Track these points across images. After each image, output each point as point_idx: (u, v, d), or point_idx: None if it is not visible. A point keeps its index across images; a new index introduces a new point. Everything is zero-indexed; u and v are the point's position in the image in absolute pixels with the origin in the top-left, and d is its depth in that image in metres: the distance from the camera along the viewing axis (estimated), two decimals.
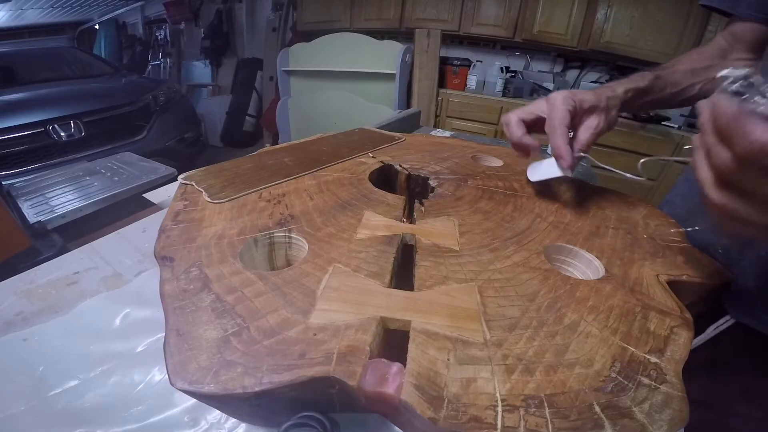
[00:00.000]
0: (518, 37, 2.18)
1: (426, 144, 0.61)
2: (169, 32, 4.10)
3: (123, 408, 0.27)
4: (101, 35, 4.66)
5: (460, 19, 2.27)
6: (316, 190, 0.41)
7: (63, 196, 0.77)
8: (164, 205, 0.60)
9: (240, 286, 0.26)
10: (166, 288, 0.26)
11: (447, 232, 0.34)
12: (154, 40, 4.30)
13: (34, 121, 1.70)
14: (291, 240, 0.33)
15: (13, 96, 1.82)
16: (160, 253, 0.30)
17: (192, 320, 0.23)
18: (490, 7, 2.18)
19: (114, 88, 2.21)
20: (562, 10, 2.02)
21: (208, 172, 0.45)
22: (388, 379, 0.20)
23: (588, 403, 0.19)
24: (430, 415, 0.18)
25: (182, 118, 2.40)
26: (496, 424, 0.18)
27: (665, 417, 0.19)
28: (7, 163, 1.62)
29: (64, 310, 0.34)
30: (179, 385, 0.20)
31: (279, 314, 0.24)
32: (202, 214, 0.36)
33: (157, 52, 4.26)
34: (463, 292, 0.26)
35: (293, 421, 0.20)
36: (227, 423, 0.26)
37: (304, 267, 0.29)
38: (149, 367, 0.29)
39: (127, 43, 4.67)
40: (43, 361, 0.29)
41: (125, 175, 0.84)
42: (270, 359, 0.21)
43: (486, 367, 0.21)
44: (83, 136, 1.83)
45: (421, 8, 2.35)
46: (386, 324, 0.24)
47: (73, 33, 4.68)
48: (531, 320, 0.24)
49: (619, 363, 0.21)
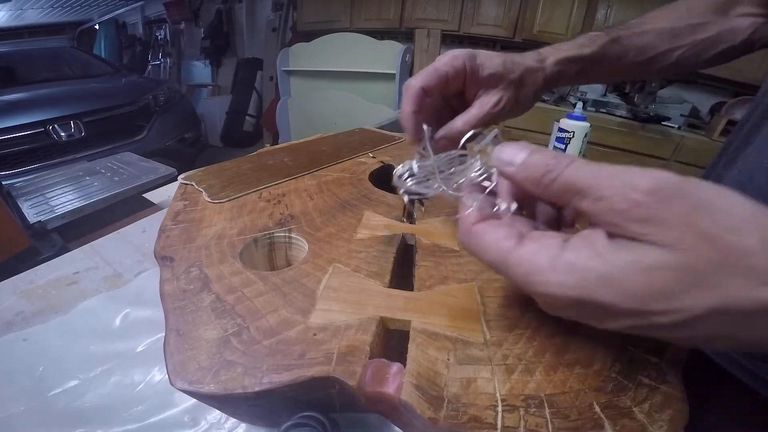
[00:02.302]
0: (518, 37, 2.18)
1: None
2: (169, 32, 4.10)
3: (123, 408, 0.27)
4: (101, 35, 4.67)
5: (460, 19, 2.27)
6: (316, 190, 0.41)
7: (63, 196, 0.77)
8: (164, 205, 0.60)
9: (240, 286, 0.26)
10: (166, 288, 0.26)
11: (447, 232, 0.34)
12: (154, 40, 4.30)
13: (34, 121, 1.71)
14: (291, 240, 0.33)
15: (13, 96, 1.82)
16: (160, 253, 0.30)
17: (192, 320, 0.23)
18: (490, 7, 2.18)
19: (114, 88, 2.21)
20: (562, 10, 2.02)
21: (208, 172, 0.45)
22: (388, 379, 0.20)
23: (588, 403, 0.19)
24: (430, 415, 0.18)
25: (182, 118, 2.40)
26: (496, 424, 0.18)
27: (665, 417, 0.19)
28: (7, 163, 1.63)
29: (64, 310, 0.34)
30: (179, 385, 0.20)
31: (279, 314, 0.24)
32: (202, 214, 0.36)
33: (157, 52, 4.27)
34: (463, 292, 0.26)
35: (293, 421, 0.20)
36: (227, 423, 0.26)
37: (304, 267, 0.29)
38: (149, 367, 0.29)
39: (127, 43, 4.68)
40: (43, 361, 0.29)
41: (125, 175, 0.84)
42: (270, 359, 0.21)
43: (486, 367, 0.21)
44: (83, 136, 1.83)
45: (421, 8, 2.35)
46: (386, 324, 0.24)
47: (73, 33, 4.69)
48: (531, 320, 0.24)
49: (619, 363, 0.21)
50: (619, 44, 0.35)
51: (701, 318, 0.14)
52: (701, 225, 0.13)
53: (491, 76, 0.30)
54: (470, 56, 0.29)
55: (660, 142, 1.85)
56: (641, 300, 0.14)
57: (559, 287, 0.15)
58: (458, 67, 0.29)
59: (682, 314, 0.14)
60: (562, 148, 0.89)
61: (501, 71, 0.30)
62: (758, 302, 0.13)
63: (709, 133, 1.80)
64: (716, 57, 0.37)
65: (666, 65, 0.37)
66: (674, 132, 1.87)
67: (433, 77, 0.29)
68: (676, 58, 0.36)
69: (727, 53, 0.37)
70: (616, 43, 0.35)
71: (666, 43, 0.36)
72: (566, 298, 0.15)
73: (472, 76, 0.30)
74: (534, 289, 0.16)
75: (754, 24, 0.36)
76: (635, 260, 0.14)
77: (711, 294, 0.13)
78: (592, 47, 0.34)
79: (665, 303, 0.14)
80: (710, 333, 0.14)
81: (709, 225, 0.13)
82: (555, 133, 0.91)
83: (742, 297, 0.13)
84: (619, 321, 0.15)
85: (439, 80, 0.29)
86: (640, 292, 0.14)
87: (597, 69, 0.35)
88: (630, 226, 0.14)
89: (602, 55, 0.34)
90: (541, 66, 0.32)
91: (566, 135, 0.87)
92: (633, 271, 0.14)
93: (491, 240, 0.18)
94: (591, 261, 0.15)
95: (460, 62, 0.29)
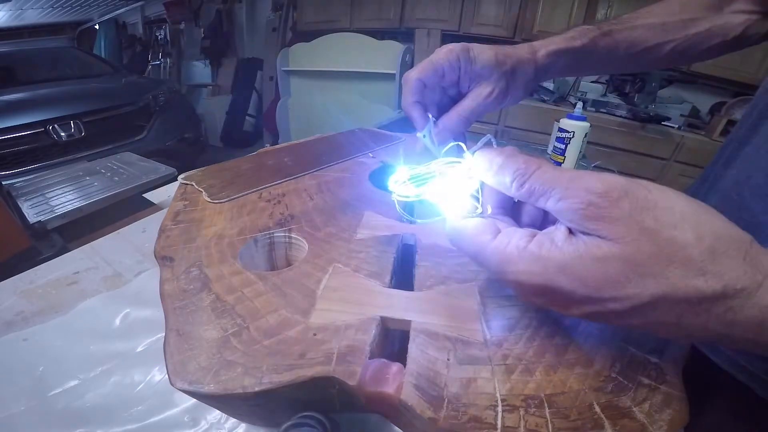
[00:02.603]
0: (518, 37, 2.18)
1: None
2: (169, 32, 4.09)
3: (123, 408, 0.27)
4: (101, 35, 4.66)
5: (460, 19, 2.28)
6: (316, 190, 0.41)
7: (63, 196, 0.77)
8: (164, 205, 0.60)
9: (240, 286, 0.26)
10: (166, 288, 0.26)
11: None
12: (154, 40, 4.30)
13: (34, 121, 1.70)
14: (291, 240, 0.33)
15: (13, 96, 1.82)
16: (160, 253, 0.30)
17: (192, 320, 0.23)
18: (490, 7, 2.18)
19: (114, 88, 2.21)
20: (562, 10, 2.02)
21: (208, 172, 0.45)
22: (388, 379, 0.20)
23: (588, 403, 0.19)
24: (430, 415, 0.18)
25: (182, 118, 2.40)
26: (496, 424, 0.18)
27: (665, 417, 0.19)
28: (7, 163, 1.63)
29: (64, 310, 0.34)
30: (179, 385, 0.20)
31: (279, 314, 0.24)
32: (202, 214, 0.36)
33: (157, 52, 4.26)
34: (463, 292, 0.26)
35: (293, 421, 0.20)
36: (227, 423, 0.26)
37: (304, 267, 0.29)
38: (149, 367, 0.30)
39: (127, 43, 4.67)
40: (43, 361, 0.29)
41: (125, 175, 0.84)
42: (270, 359, 0.21)
43: (486, 367, 0.21)
44: (83, 136, 1.83)
45: (421, 8, 2.35)
46: (386, 324, 0.24)
47: (73, 33, 4.69)
48: (531, 320, 0.24)
49: (619, 363, 0.21)
50: (610, 37, 0.36)
51: (649, 305, 0.15)
52: (644, 222, 0.15)
53: (484, 68, 0.31)
54: (464, 49, 0.31)
55: (660, 142, 1.85)
56: (594, 287, 0.16)
57: (525, 275, 0.18)
58: (453, 60, 0.31)
59: (630, 301, 0.15)
60: (562, 148, 0.89)
61: (493, 63, 0.31)
62: (696, 290, 0.14)
63: (709, 133, 1.80)
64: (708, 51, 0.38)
65: (657, 58, 0.37)
66: (674, 132, 1.87)
67: (429, 70, 0.31)
68: (667, 52, 0.37)
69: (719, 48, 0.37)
70: (608, 36, 0.35)
71: (657, 37, 0.36)
72: (532, 285, 0.18)
73: (466, 69, 0.31)
74: (506, 278, 0.19)
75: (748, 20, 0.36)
76: (587, 252, 0.16)
77: (654, 283, 0.15)
78: (583, 40, 0.35)
79: (614, 290, 0.16)
80: (659, 320, 0.16)
81: (651, 222, 0.15)
82: (555, 133, 0.91)
83: (681, 285, 0.15)
84: (581, 308, 0.17)
85: (435, 72, 0.31)
86: (592, 279, 0.16)
87: (588, 61, 0.36)
88: (584, 222, 0.16)
89: (593, 48, 0.35)
90: (533, 57, 0.33)
91: (566, 135, 0.87)
92: (586, 261, 0.16)
93: (471, 235, 0.20)
94: (551, 252, 0.17)
95: (455, 55, 0.31)
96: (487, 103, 0.32)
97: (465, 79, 0.32)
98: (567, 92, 2.21)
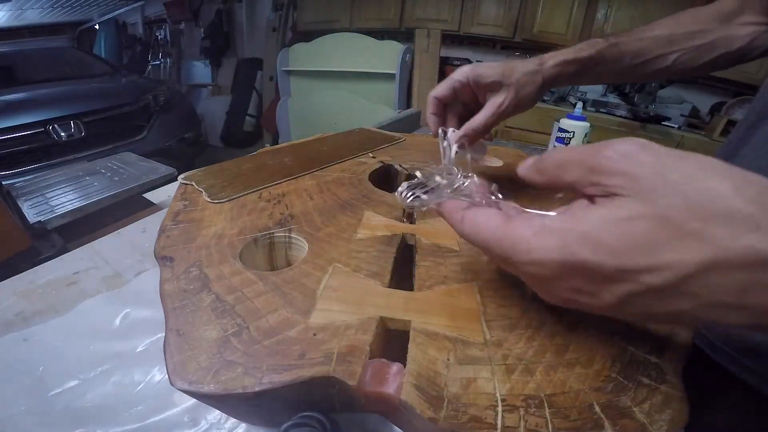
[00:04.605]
0: (518, 36, 2.18)
1: (426, 144, 0.61)
2: (169, 32, 4.10)
3: (123, 408, 0.27)
4: (101, 35, 4.66)
5: (460, 18, 2.28)
6: (316, 190, 0.41)
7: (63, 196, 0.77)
8: (164, 205, 0.60)
9: (240, 286, 0.26)
10: (166, 288, 0.26)
11: (447, 232, 0.34)
12: (154, 40, 4.30)
13: (34, 121, 1.70)
14: (291, 240, 0.33)
15: (13, 96, 1.82)
16: (160, 253, 0.30)
17: (192, 320, 0.23)
18: (490, 6, 2.18)
19: (114, 88, 2.21)
20: (562, 10, 2.02)
21: (208, 172, 0.45)
22: (388, 379, 0.20)
23: (588, 403, 0.19)
24: (430, 415, 0.18)
25: (182, 118, 2.40)
26: (496, 424, 0.18)
27: (665, 417, 0.19)
28: (7, 163, 1.63)
29: (64, 310, 0.34)
30: (179, 385, 0.20)
31: (279, 314, 0.24)
32: (202, 214, 0.36)
33: (157, 52, 4.27)
34: (463, 292, 0.26)
35: (293, 421, 0.20)
36: (227, 423, 0.26)
37: (304, 267, 0.29)
38: (149, 367, 0.30)
39: (127, 43, 4.67)
40: (43, 361, 0.29)
41: (125, 175, 0.84)
42: (270, 359, 0.21)
43: (486, 367, 0.21)
44: (83, 136, 1.83)
45: (421, 8, 2.36)
46: (386, 324, 0.24)
47: (73, 33, 4.68)
48: (531, 320, 0.24)
49: (619, 363, 0.21)
50: (616, 48, 0.38)
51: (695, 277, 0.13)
52: (670, 175, 0.14)
53: (493, 83, 0.36)
54: (472, 69, 0.36)
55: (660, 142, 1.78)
56: (625, 254, 0.14)
57: (542, 250, 0.16)
58: (463, 79, 0.37)
59: (672, 272, 0.13)
60: None
61: (500, 78, 0.36)
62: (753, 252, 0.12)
63: (709, 133, 1.81)
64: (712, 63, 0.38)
65: (661, 69, 0.39)
66: (674, 132, 1.88)
67: (444, 89, 0.38)
68: (672, 62, 0.38)
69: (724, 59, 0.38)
70: (614, 47, 0.38)
71: (662, 47, 0.38)
72: (551, 263, 0.15)
73: (477, 85, 0.36)
74: (520, 259, 0.17)
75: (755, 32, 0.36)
76: (610, 214, 0.14)
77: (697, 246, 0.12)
78: (590, 51, 0.37)
79: (649, 256, 0.13)
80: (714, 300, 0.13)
81: (677, 175, 0.13)
82: (555, 133, 0.91)
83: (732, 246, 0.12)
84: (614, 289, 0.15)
85: (450, 91, 0.38)
86: (620, 245, 0.14)
87: (594, 70, 0.38)
88: (603, 180, 0.15)
89: (599, 58, 0.37)
90: (540, 68, 0.37)
91: (566, 135, 0.87)
92: (610, 224, 0.14)
93: (482, 220, 0.19)
94: (569, 223, 0.15)
95: (464, 76, 0.37)
96: (500, 112, 0.36)
97: (480, 94, 0.37)
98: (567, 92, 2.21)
